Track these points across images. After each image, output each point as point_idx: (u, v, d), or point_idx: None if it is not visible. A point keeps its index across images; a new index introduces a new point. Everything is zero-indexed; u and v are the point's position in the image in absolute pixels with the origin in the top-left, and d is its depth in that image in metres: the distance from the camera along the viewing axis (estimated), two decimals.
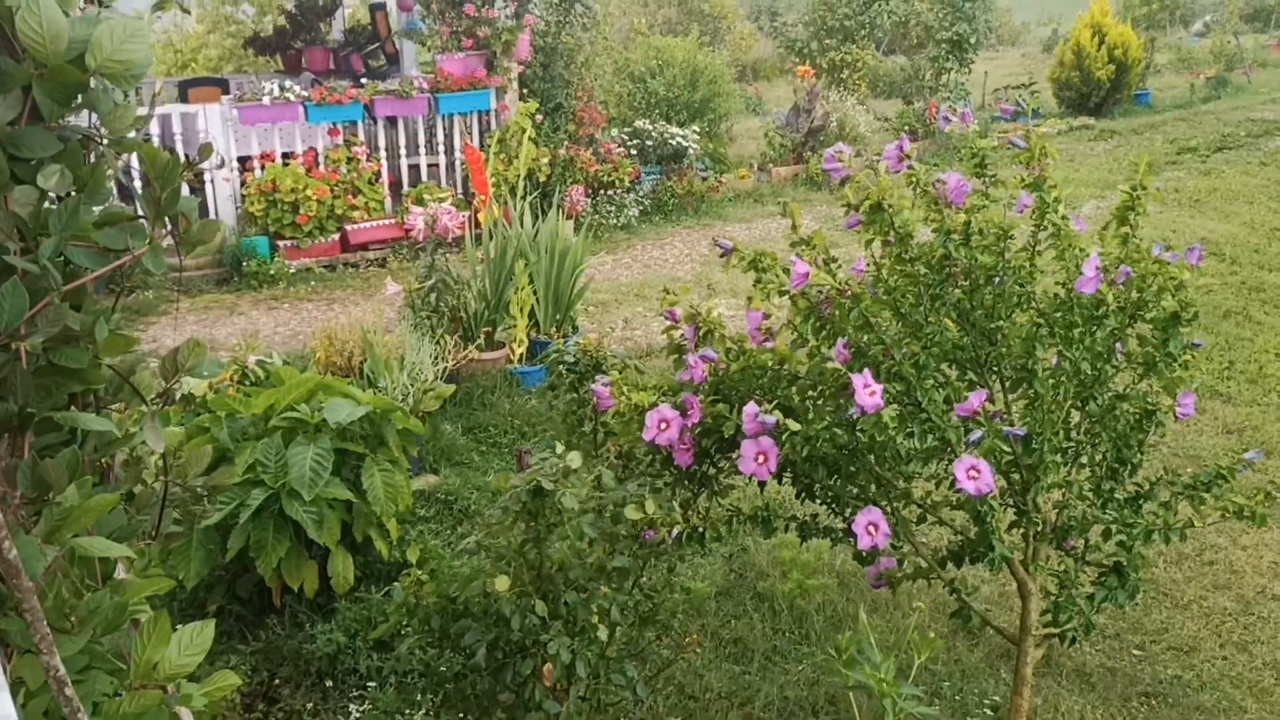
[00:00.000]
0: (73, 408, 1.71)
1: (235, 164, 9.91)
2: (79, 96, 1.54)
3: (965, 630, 4.18)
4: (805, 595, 4.46)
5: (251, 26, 17.60)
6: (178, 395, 1.75)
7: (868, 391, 2.73)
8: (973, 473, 2.71)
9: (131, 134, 1.65)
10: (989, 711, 3.74)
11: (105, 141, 1.56)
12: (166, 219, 1.59)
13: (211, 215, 9.91)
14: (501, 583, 2.81)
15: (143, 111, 1.63)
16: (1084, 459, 3.20)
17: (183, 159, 1.70)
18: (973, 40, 15.73)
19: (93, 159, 1.66)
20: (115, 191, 1.79)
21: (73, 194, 1.57)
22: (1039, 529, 3.11)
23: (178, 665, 1.65)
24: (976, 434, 2.80)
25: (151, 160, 1.54)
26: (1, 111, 1.51)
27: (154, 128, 9.56)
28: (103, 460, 1.86)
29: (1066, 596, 3.04)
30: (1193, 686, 3.92)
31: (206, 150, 1.64)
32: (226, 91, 11.08)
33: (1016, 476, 3.09)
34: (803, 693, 3.87)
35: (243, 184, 9.84)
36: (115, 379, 1.71)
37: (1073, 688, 3.90)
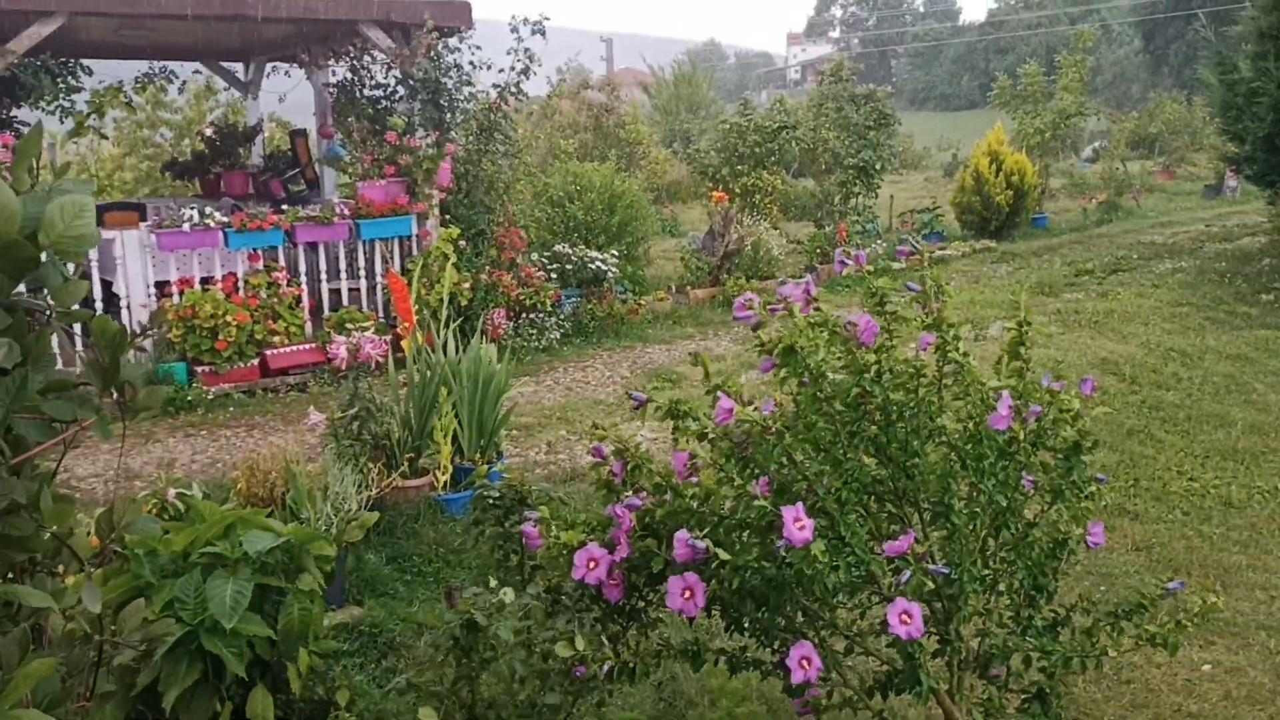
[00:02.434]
0: (10, 575, 1.72)
1: (153, 290, 9.84)
2: (30, 273, 1.59)
3: None
4: None
5: (169, 150, 17.65)
6: (113, 556, 1.76)
7: (797, 526, 2.81)
8: (904, 617, 2.78)
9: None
10: None
11: (53, 314, 1.61)
12: (115, 388, 1.63)
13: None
14: (427, 714, 2.80)
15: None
16: (1001, 586, 3.31)
17: (101, 289, 1.74)
18: (878, 166, 16.39)
19: (36, 330, 1.70)
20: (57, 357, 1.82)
21: (18, 367, 1.60)
22: (962, 657, 3.19)
23: None
24: (906, 574, 2.89)
25: (101, 330, 1.59)
26: None
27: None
28: (37, 623, 1.86)
29: None
30: None
31: (159, 316, 1.69)
32: (144, 216, 11.05)
33: (939, 605, 3.18)
34: None
35: (159, 310, 9.75)
36: (53, 543, 1.72)
37: None
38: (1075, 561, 3.54)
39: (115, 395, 1.64)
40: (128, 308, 9.72)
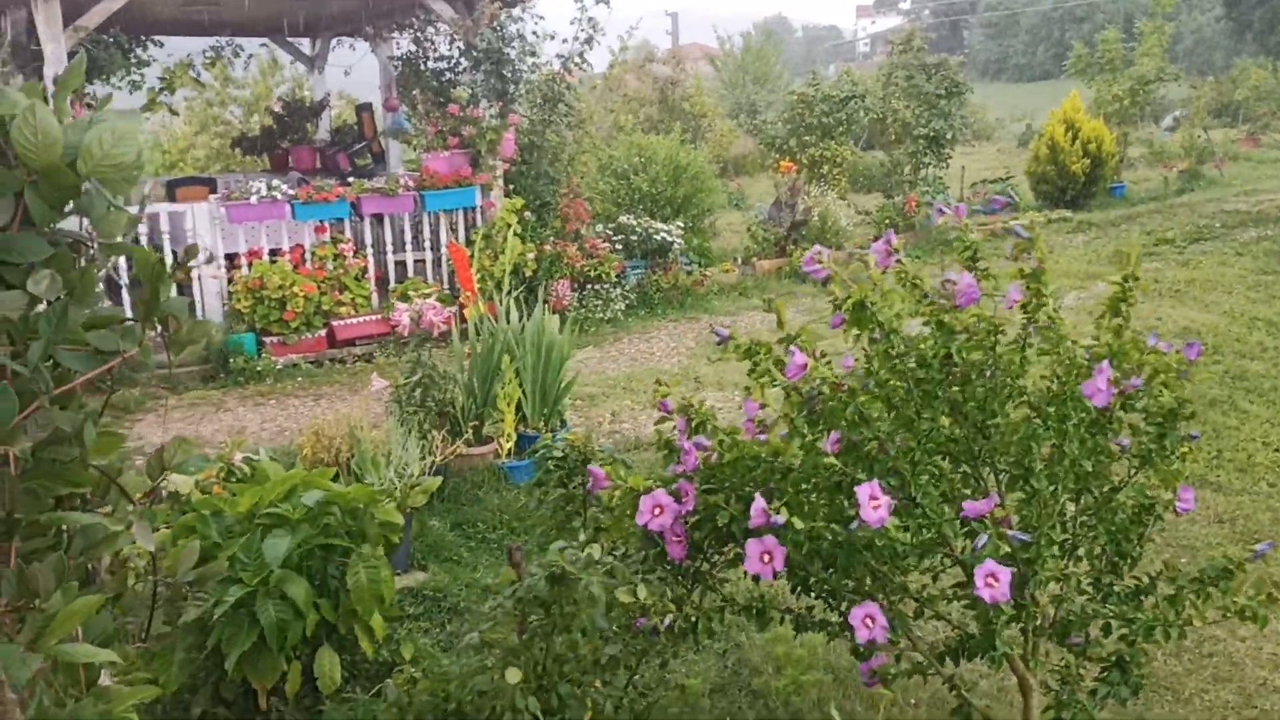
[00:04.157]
0: (59, 512, 1.68)
1: (222, 261, 9.96)
2: (71, 202, 1.55)
3: None
4: (800, 692, 4.38)
5: (239, 127, 17.88)
6: (164, 494, 1.73)
7: (873, 505, 2.70)
8: (991, 580, 2.67)
9: (121, 237, 1.66)
10: None
11: (96, 246, 1.57)
12: (156, 320, 1.59)
13: (199, 312, 9.92)
14: (514, 674, 2.75)
15: (134, 210, 1.63)
16: (1080, 551, 3.17)
17: (171, 258, 1.70)
18: (949, 136, 16.04)
19: (82, 263, 1.66)
20: (105, 292, 1.78)
21: (62, 297, 1.56)
22: (1038, 624, 3.07)
23: None
24: (982, 539, 2.77)
25: (142, 263, 1.54)
26: None
27: (142, 226, 9.61)
28: (88, 564, 1.83)
29: (1069, 693, 2.99)
30: None
31: (192, 251, 1.64)
32: (214, 190, 11.19)
33: (1014, 569, 3.05)
34: None
35: (230, 281, 9.87)
36: (102, 480, 1.68)
37: None
38: (1161, 528, 3.39)
39: (159, 328, 1.59)
40: (199, 279, 9.84)
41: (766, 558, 2.78)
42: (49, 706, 1.27)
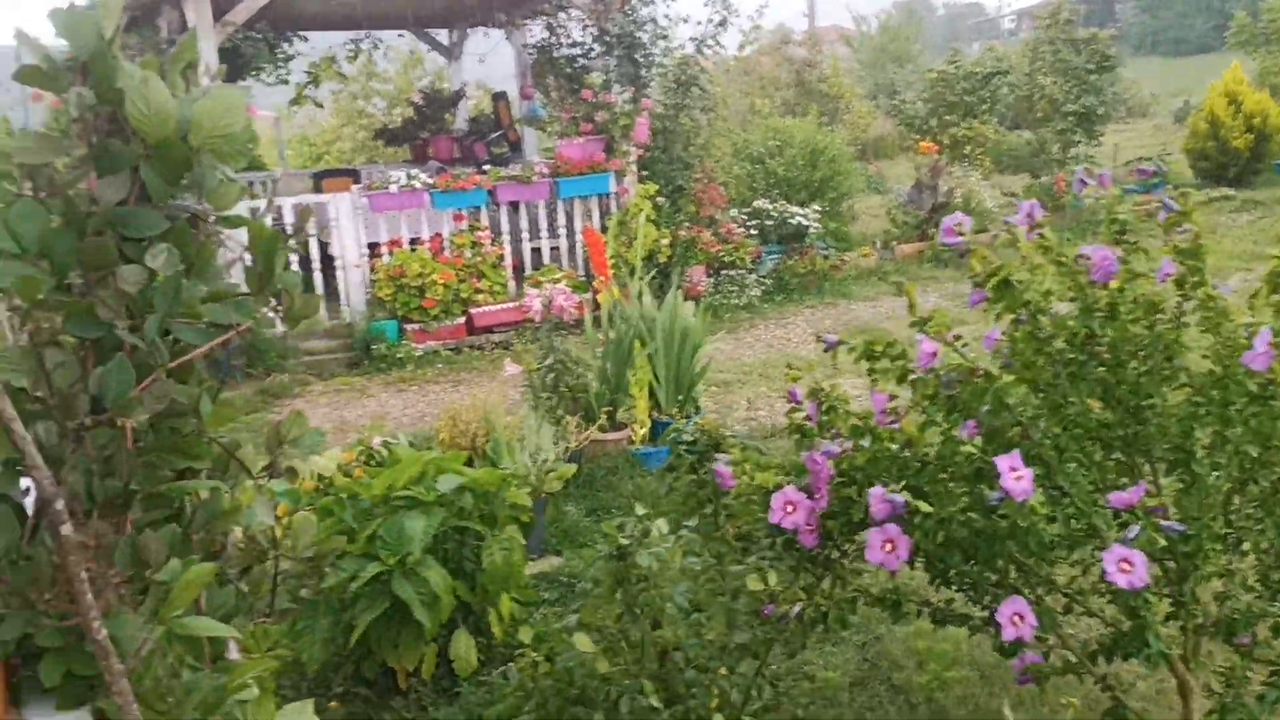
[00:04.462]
0: (179, 481, 1.69)
1: (365, 250, 10.20)
2: (185, 175, 1.55)
3: None
4: (944, 688, 4.22)
5: (381, 119, 18.32)
6: (283, 468, 1.72)
7: (1014, 476, 2.56)
8: (1124, 565, 2.50)
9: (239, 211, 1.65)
10: None
11: (213, 218, 1.56)
12: (270, 295, 1.58)
13: (343, 300, 10.20)
14: (583, 641, 2.70)
15: (280, 201, 1.62)
16: (1246, 546, 2.94)
17: (318, 248, 1.68)
18: (1101, 112, 15.35)
19: (201, 239, 1.66)
20: (229, 272, 1.78)
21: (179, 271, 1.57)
22: (1199, 622, 2.86)
23: None
24: (1134, 529, 2.60)
25: (256, 235, 1.53)
26: (111, 192, 1.51)
27: (287, 215, 9.93)
28: (215, 540, 1.84)
29: (1233, 696, 2.77)
30: None
31: (306, 214, 1.62)
32: (358, 181, 11.48)
33: (1171, 564, 2.86)
34: None
35: (371, 270, 10.11)
36: (221, 455, 1.69)
37: None
38: None
39: (273, 301, 1.58)
40: (342, 268, 10.11)
41: (889, 546, 2.65)
42: (162, 677, 1.26)
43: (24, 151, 1.56)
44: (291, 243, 1.64)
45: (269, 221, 10.07)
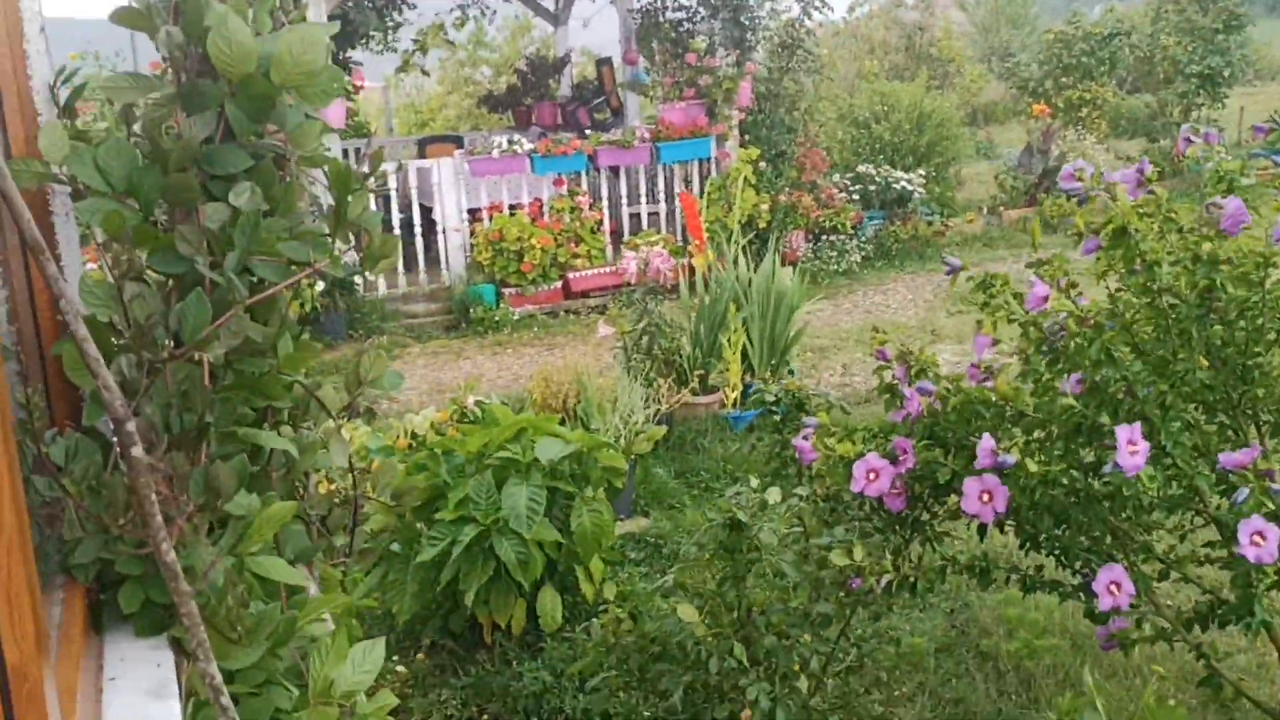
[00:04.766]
0: (264, 426, 1.73)
1: (465, 215, 10.32)
2: (269, 113, 1.57)
3: (1216, 703, 3.75)
4: (1033, 656, 4.14)
5: (487, 86, 18.45)
6: (361, 409, 1.75)
7: (1130, 450, 2.47)
8: (1257, 538, 2.41)
9: (326, 149, 1.67)
10: None
11: (295, 157, 1.58)
12: (350, 234, 1.59)
13: (443, 264, 10.34)
14: (687, 611, 2.70)
15: (388, 168, 1.64)
16: None
17: (419, 211, 1.70)
18: (1226, 74, 14.69)
19: (286, 179, 1.69)
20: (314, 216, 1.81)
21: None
22: None
23: (352, 683, 1.62)
24: (1244, 492, 2.50)
25: (334, 173, 1.55)
26: (198, 129, 1.54)
27: (392, 181, 10.09)
28: (295, 480, 1.88)
29: None
30: None
31: (378, 156, 1.63)
32: (461, 147, 11.59)
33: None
34: None
35: (471, 234, 10.22)
36: (302, 396, 1.72)
37: None
38: None
39: (352, 241, 1.60)
40: (443, 232, 10.24)
41: (986, 497, 2.60)
42: (231, 606, 1.29)
43: (116, 90, 1.60)
44: (395, 203, 1.66)
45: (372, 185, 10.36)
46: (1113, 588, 2.58)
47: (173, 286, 1.50)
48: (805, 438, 3.31)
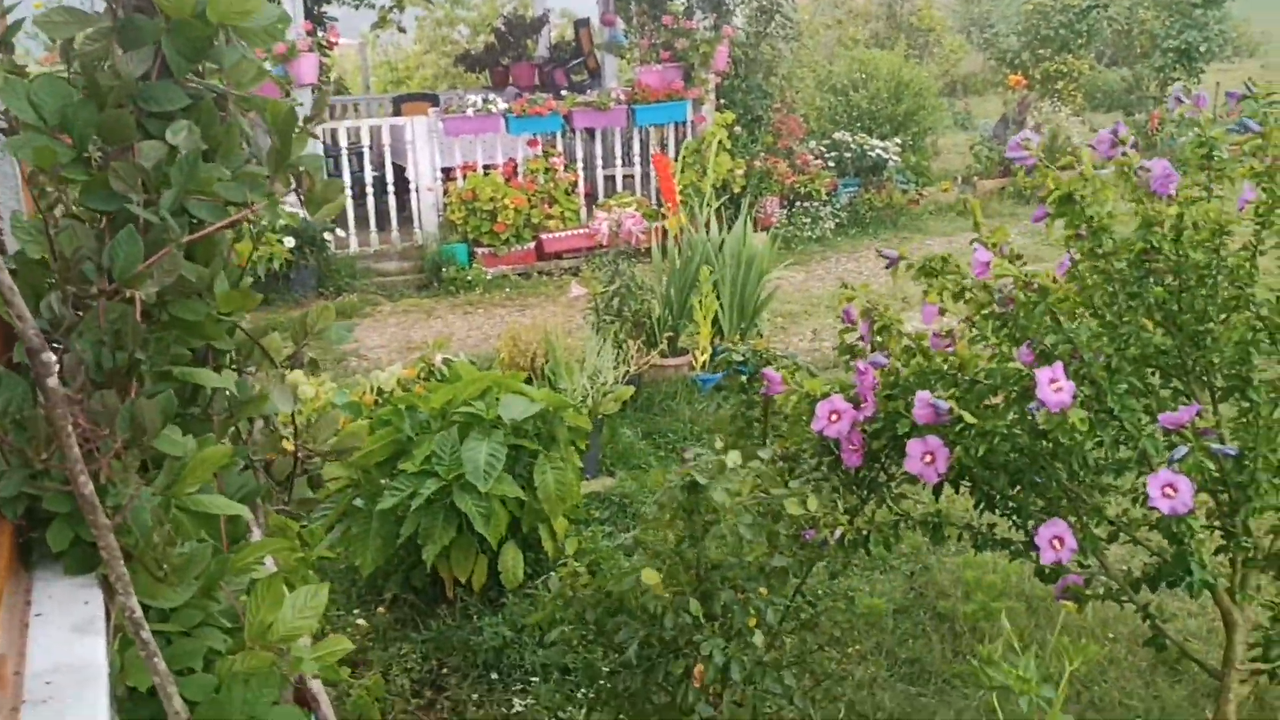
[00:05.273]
0: (205, 369, 1.72)
1: (439, 174, 10.24)
2: (207, 51, 1.54)
3: (1166, 665, 3.82)
4: (989, 618, 4.19)
5: (464, 45, 18.27)
6: (307, 359, 1.74)
7: (1053, 387, 2.50)
8: (1169, 490, 2.44)
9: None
10: None
11: (233, 95, 1.56)
12: (291, 176, 1.58)
13: (416, 223, 10.28)
14: (650, 575, 2.71)
15: (357, 124, 1.62)
16: None
17: (392, 170, 1.67)
18: (1203, 49, 14.72)
19: (226, 121, 1.67)
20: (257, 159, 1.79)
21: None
22: (1249, 555, 2.78)
23: (292, 627, 1.62)
24: (1181, 450, 2.53)
25: (274, 112, 1.53)
26: (134, 65, 1.52)
27: (365, 138, 10.01)
28: (238, 426, 1.87)
29: (1279, 631, 2.71)
30: None
31: (323, 100, 1.61)
32: (436, 105, 11.49)
33: (1225, 496, 2.78)
34: (981, 718, 3.63)
35: (445, 193, 10.15)
36: (244, 341, 1.71)
37: None
38: None
39: (293, 184, 1.58)
40: (416, 190, 10.18)
41: (929, 458, 2.61)
42: (157, 543, 1.29)
43: (52, 25, 1.57)
44: (369, 162, 1.64)
45: (345, 141, 10.22)
46: (1055, 542, 2.60)
47: (106, 225, 1.48)
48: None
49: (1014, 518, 2.97)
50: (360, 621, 4.23)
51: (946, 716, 3.65)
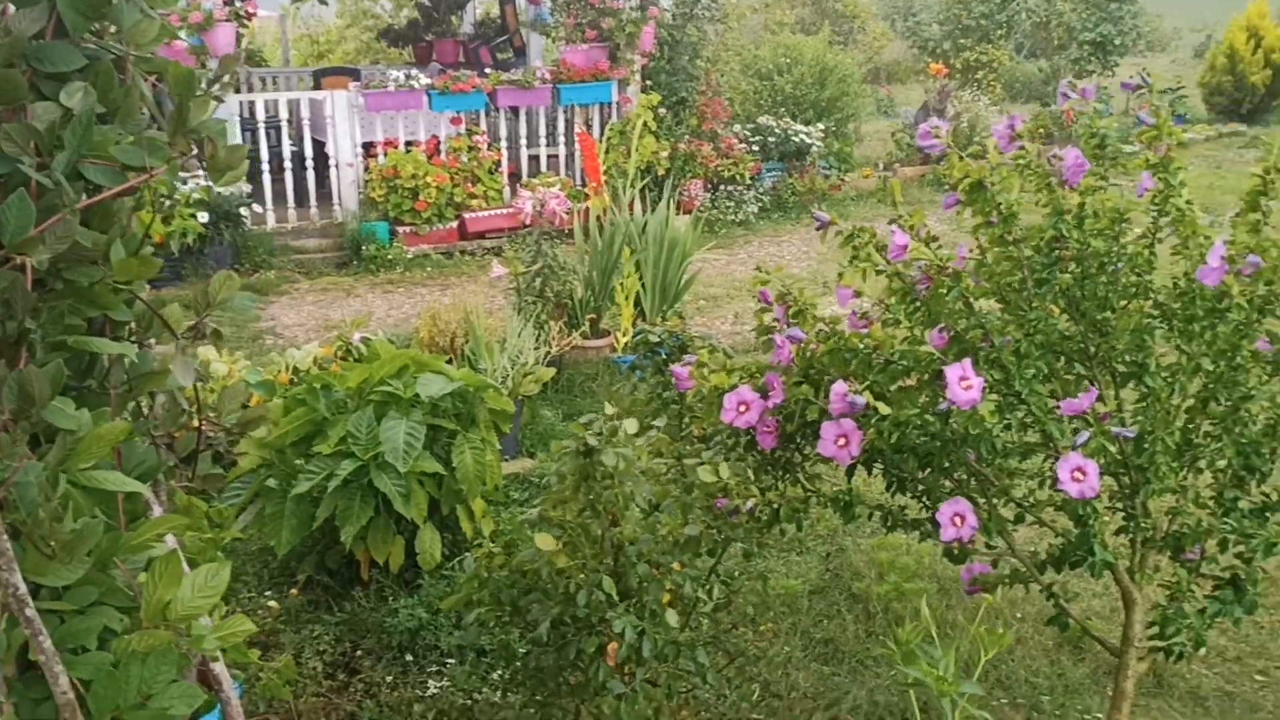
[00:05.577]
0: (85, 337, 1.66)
1: (360, 150, 10.08)
2: (104, 10, 1.49)
3: (1070, 644, 3.93)
4: (902, 599, 4.26)
5: (388, 20, 17.99)
6: (208, 330, 1.69)
7: (963, 385, 2.54)
8: (1078, 474, 2.50)
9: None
10: None
11: (132, 58, 1.51)
12: (193, 143, 1.53)
13: (335, 199, 10.11)
14: (545, 540, 2.70)
15: (274, 97, 1.57)
16: (1203, 464, 2.93)
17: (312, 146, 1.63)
18: (1118, 42, 15.07)
19: (126, 83, 1.61)
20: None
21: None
22: (1148, 535, 2.86)
23: (191, 606, 1.58)
24: (1084, 435, 2.59)
25: (174, 75, 1.48)
26: (26, 24, 1.46)
27: (283, 111, 9.81)
28: (138, 401, 1.82)
29: (1175, 609, 2.79)
30: None
31: (229, 62, 1.57)
32: (358, 80, 11.31)
33: (1125, 478, 2.85)
34: (893, 697, 3.69)
35: (365, 170, 10.00)
36: (143, 312, 1.66)
37: (1185, 710, 3.61)
38: None
39: (195, 149, 1.54)
40: (336, 166, 10.00)
41: (842, 441, 2.64)
42: (43, 519, 1.24)
43: None
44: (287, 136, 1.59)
45: (263, 115, 9.99)
46: (956, 519, 2.65)
47: None
48: (684, 365, 3.35)
49: (924, 500, 3.02)
50: (272, 603, 4.16)
51: (859, 695, 3.70)
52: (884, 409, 2.69)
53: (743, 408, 2.95)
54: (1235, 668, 3.85)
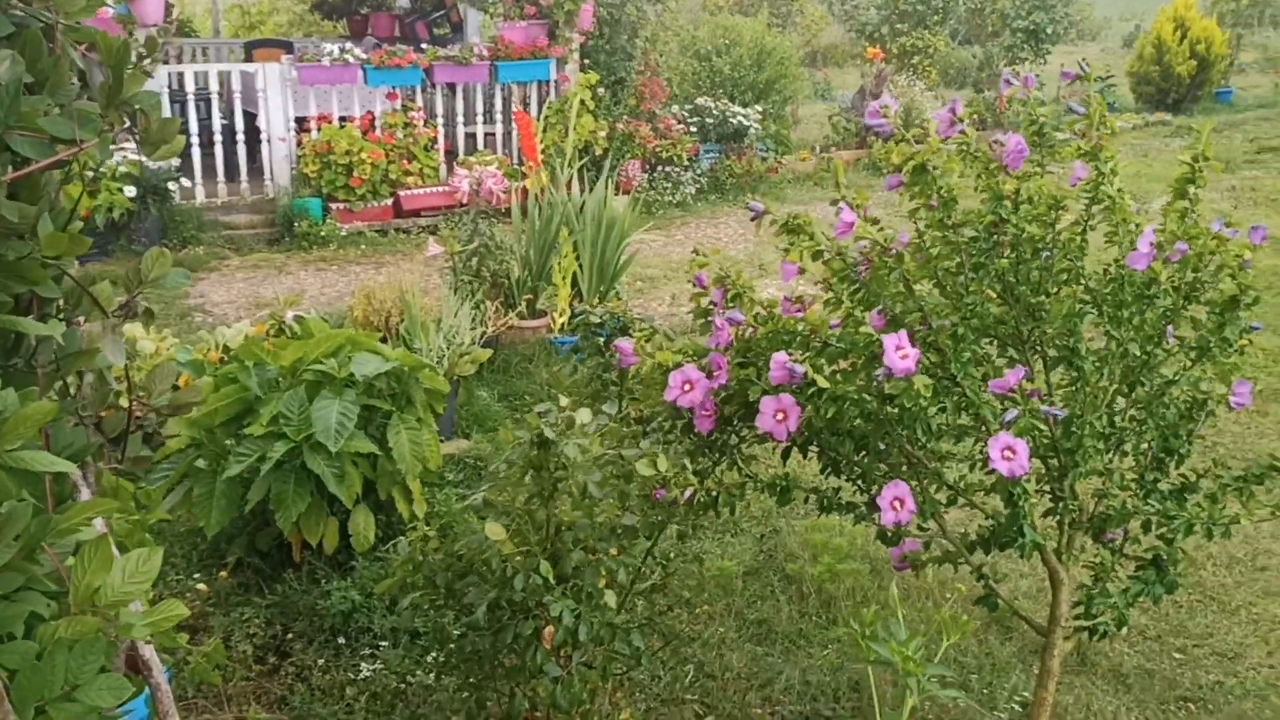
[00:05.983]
0: (30, 318, 1.62)
1: (292, 125, 9.90)
2: None
3: (998, 623, 4.00)
4: (835, 579, 4.31)
5: None
6: (141, 308, 1.65)
7: (899, 354, 2.57)
8: (1008, 453, 2.54)
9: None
10: (1017, 707, 3.57)
11: (61, 24, 1.46)
12: (125, 116, 1.49)
13: (267, 174, 9.93)
14: (494, 530, 2.69)
15: (205, 68, 1.52)
16: (1127, 447, 3.01)
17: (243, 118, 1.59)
18: (1050, 31, 15.32)
19: (55, 54, 1.56)
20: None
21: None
22: (1075, 517, 2.93)
23: (121, 592, 1.55)
24: (1012, 413, 2.63)
25: (106, 45, 1.44)
26: None
27: (213, 84, 9.60)
28: (66, 380, 1.77)
29: (1100, 589, 2.86)
30: (1235, 693, 3.71)
31: (154, 43, 1.53)
32: (291, 53, 11.09)
33: (1054, 461, 2.92)
34: (825, 677, 3.73)
35: (298, 145, 9.83)
36: (72, 289, 1.61)
37: (1107, 688, 3.71)
38: (1213, 427, 3.19)
39: (126, 122, 1.50)
40: (267, 141, 9.82)
41: (780, 416, 2.66)
42: None
43: None
44: (218, 109, 1.55)
45: (192, 87, 9.77)
46: (895, 503, 2.68)
47: None
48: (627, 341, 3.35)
49: (858, 483, 3.05)
50: (201, 586, 4.10)
51: (792, 675, 3.74)
52: (822, 381, 2.71)
53: (687, 386, 2.96)
54: (1155, 645, 3.96)
